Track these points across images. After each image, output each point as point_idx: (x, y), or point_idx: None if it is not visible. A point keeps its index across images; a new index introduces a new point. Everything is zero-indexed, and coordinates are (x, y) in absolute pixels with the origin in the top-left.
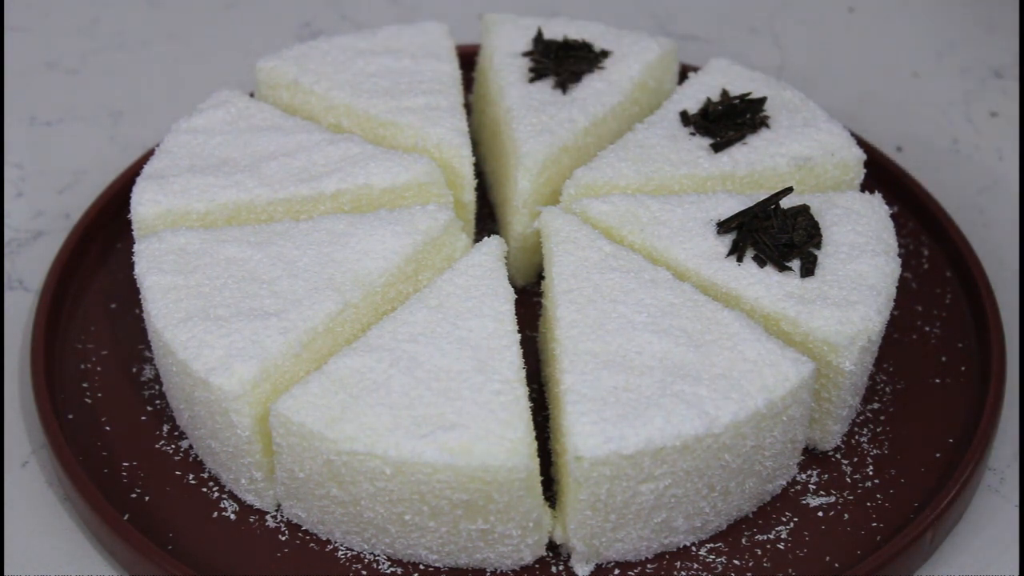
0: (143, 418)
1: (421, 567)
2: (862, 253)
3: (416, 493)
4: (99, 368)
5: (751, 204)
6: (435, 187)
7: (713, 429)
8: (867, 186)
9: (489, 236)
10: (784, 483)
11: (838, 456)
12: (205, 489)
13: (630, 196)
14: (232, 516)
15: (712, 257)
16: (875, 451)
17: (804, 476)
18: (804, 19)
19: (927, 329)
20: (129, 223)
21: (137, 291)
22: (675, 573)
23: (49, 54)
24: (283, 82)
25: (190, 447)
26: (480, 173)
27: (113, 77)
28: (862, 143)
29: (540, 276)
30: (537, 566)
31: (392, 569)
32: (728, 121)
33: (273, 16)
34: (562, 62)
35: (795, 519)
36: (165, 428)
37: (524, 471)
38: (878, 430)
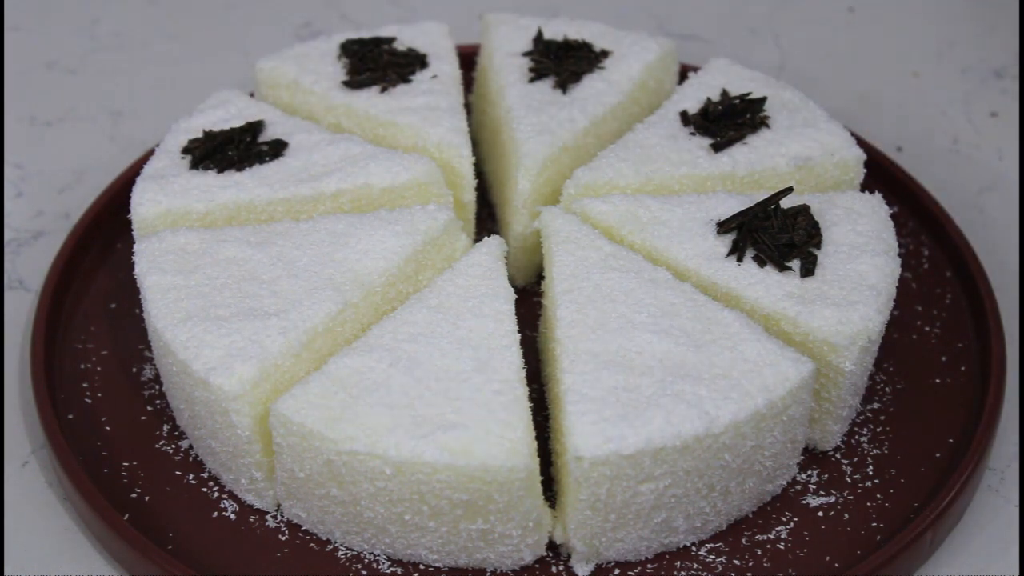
0: (143, 418)
1: (421, 567)
2: (862, 253)
3: (416, 493)
4: (99, 368)
5: (751, 204)
6: (435, 187)
7: (713, 429)
8: (867, 186)
9: (489, 236)
10: (784, 483)
11: (838, 456)
12: (205, 489)
13: (630, 196)
14: (232, 516)
15: (712, 257)
16: (875, 451)
17: (804, 476)
18: (804, 19)
19: (927, 329)
20: (129, 223)
21: (137, 291)
22: (675, 573)
23: (49, 54)
24: (283, 82)
25: (190, 447)
26: (480, 173)
27: (113, 77)
28: (862, 143)
29: (540, 276)
30: (537, 566)
31: (392, 569)
32: (728, 121)
33: (273, 16)
34: (562, 62)
35: (795, 519)
36: (165, 428)
37: (524, 471)
38: (878, 430)
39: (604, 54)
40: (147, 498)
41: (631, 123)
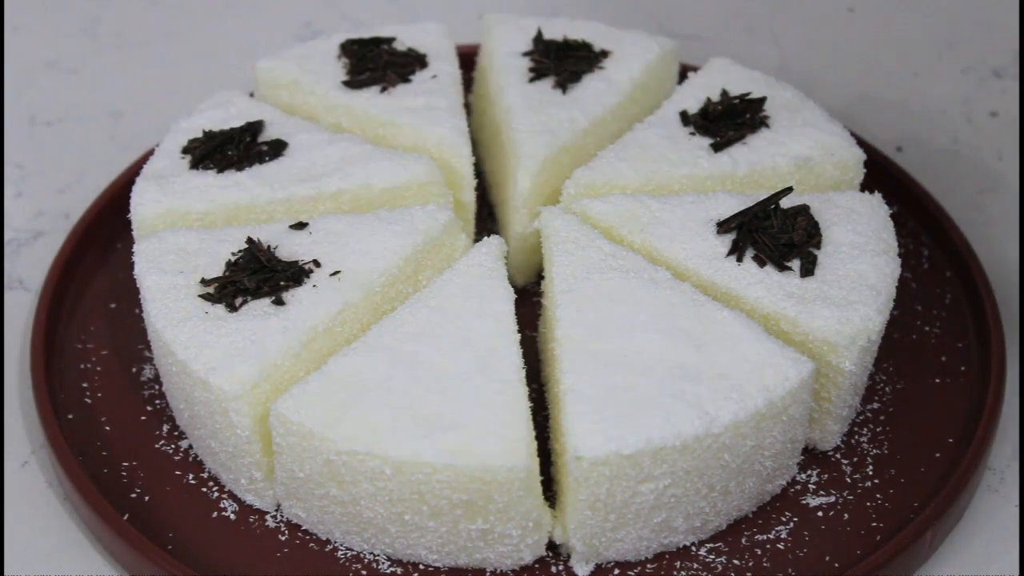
0: (143, 418)
1: (421, 567)
2: (862, 253)
3: (416, 493)
4: (99, 368)
5: (751, 204)
6: (435, 187)
7: (713, 429)
8: (867, 186)
9: (489, 236)
10: (784, 483)
11: (838, 456)
12: (205, 489)
13: (630, 196)
14: (232, 516)
15: (712, 257)
16: (875, 451)
17: (804, 476)
18: (804, 19)
19: (927, 329)
20: (129, 223)
21: (137, 291)
22: (675, 573)
23: (49, 54)
24: (283, 82)
25: (190, 447)
26: (480, 173)
27: (113, 77)
28: (862, 143)
29: (540, 276)
30: (537, 566)
31: (392, 569)
32: (728, 121)
33: (273, 16)
34: (562, 62)
35: (795, 519)
36: (165, 428)
37: (524, 471)
38: (878, 430)
39: (604, 54)
40: (147, 498)
41: (631, 123)
